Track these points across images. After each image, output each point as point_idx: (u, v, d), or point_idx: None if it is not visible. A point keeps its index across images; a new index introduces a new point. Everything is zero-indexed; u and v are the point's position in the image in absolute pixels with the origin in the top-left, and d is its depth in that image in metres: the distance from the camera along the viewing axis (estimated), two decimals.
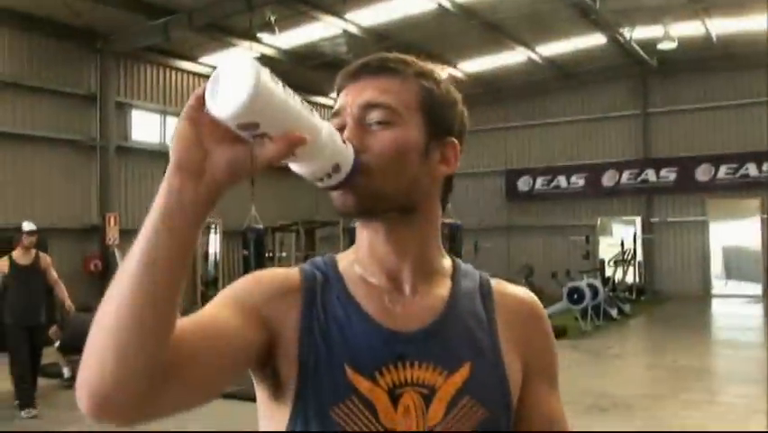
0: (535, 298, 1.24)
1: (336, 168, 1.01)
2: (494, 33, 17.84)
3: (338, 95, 1.15)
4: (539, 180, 23.43)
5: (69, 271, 13.42)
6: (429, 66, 1.17)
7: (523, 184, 23.76)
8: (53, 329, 9.28)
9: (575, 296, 14.23)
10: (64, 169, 15.83)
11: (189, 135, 0.88)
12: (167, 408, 0.93)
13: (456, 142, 1.18)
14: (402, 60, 1.15)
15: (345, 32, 16.62)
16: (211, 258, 18.62)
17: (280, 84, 0.89)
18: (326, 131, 0.97)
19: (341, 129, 1.08)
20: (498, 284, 1.22)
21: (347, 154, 1.02)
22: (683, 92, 21.45)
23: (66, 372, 9.28)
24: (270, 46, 17.27)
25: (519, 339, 1.16)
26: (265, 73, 0.85)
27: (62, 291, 8.36)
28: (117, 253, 15.00)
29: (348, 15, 15.90)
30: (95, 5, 14.04)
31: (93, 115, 16.48)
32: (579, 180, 22.88)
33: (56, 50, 15.64)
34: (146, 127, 17.88)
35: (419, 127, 1.11)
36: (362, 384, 1.03)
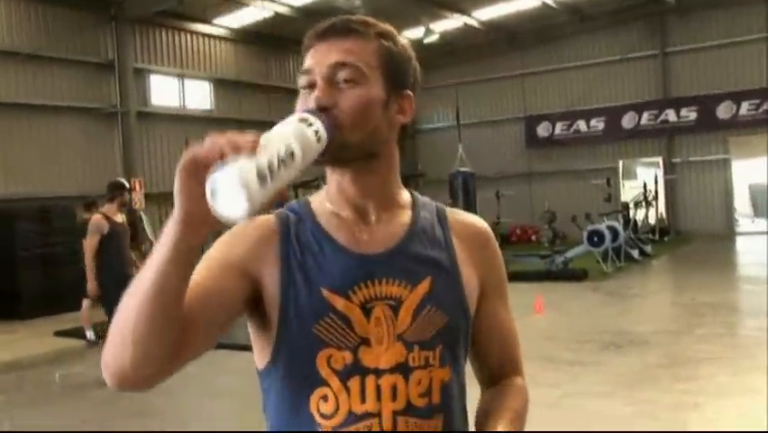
0: (485, 223, 1.43)
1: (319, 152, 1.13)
2: None
3: (306, 53, 1.27)
4: (558, 126, 23.34)
5: None
6: (388, 26, 1.31)
7: (542, 130, 23.69)
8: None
9: (595, 238, 14.33)
10: (87, 137, 16.14)
11: (194, 191, 0.97)
12: (176, 369, 1.12)
13: (411, 94, 1.33)
14: (364, 22, 1.27)
15: None
16: None
17: (267, 174, 0.96)
18: (299, 153, 1.04)
19: (311, 86, 1.23)
20: (451, 212, 1.40)
21: (318, 147, 1.12)
22: (702, 29, 21.14)
23: (90, 334, 9.62)
24: (283, 4, 17.29)
25: (474, 258, 1.35)
26: (253, 187, 0.94)
27: None
28: (144, 218, 15.32)
29: None
30: None
31: (112, 83, 16.73)
32: (598, 124, 22.77)
33: (71, 20, 15.83)
34: (165, 91, 18.10)
35: (380, 83, 1.25)
36: (338, 302, 1.21)
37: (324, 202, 1.33)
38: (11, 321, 12.61)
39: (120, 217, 7.79)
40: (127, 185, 7.93)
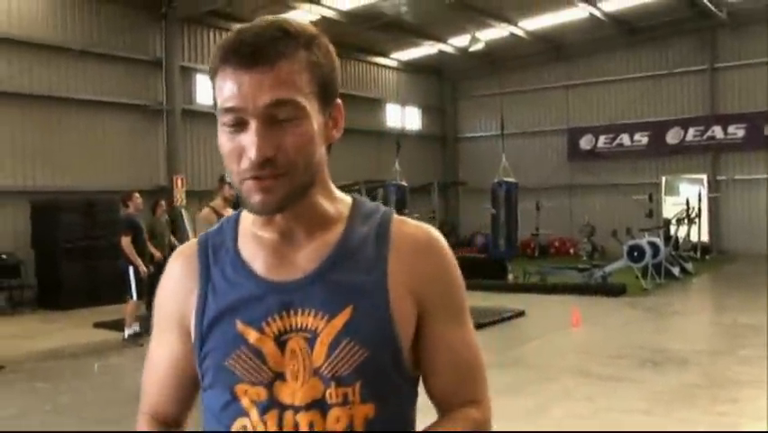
0: (434, 233, 1.24)
1: None
2: None
3: (222, 79, 1.12)
4: (601, 139, 23.12)
5: None
6: (308, 28, 1.15)
7: (585, 143, 23.48)
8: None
9: (635, 254, 14.15)
10: (133, 133, 16.39)
11: None
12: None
13: (340, 102, 1.19)
14: (287, 34, 1.10)
15: None
16: None
17: None
18: None
19: (238, 125, 1.09)
20: (399, 223, 1.22)
21: None
22: (754, 45, 20.73)
23: (128, 332, 9.58)
24: (330, 8, 17.40)
25: (413, 276, 1.18)
26: None
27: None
28: (184, 214, 15.50)
29: None
30: None
31: (159, 80, 16.96)
32: (642, 138, 22.50)
33: (122, 18, 16.10)
34: (210, 90, 18.28)
35: (316, 108, 1.12)
36: (251, 335, 1.13)
37: (253, 220, 1.22)
38: (52, 311, 12.87)
39: (228, 212, 7.44)
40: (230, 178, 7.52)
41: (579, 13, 19.49)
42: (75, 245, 13.66)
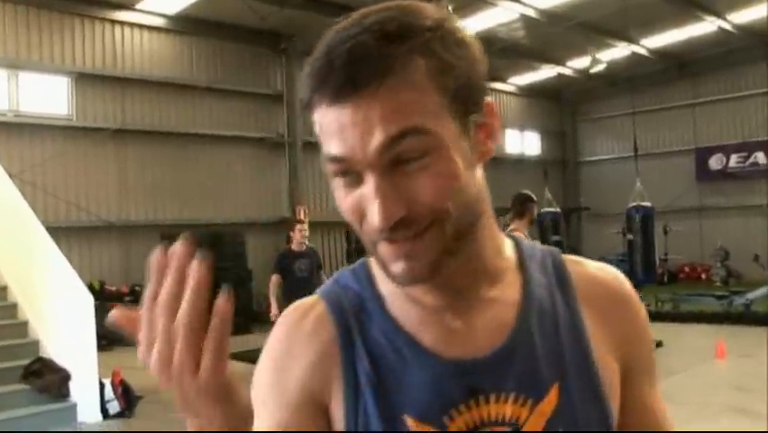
0: (623, 277, 0.98)
1: None
2: (680, 4, 16.86)
3: (312, 108, 0.81)
4: (733, 158, 21.95)
5: (265, 261, 14.21)
6: (417, 12, 0.79)
7: (715, 162, 22.36)
8: None
9: None
10: (256, 165, 16.77)
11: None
12: None
13: (490, 100, 0.86)
14: (391, 37, 0.76)
15: (522, 15, 16.36)
16: None
17: None
18: None
19: (351, 177, 0.81)
20: (574, 265, 0.96)
21: None
22: None
23: None
24: None
25: (611, 333, 0.92)
26: None
27: None
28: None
29: None
30: (278, 9, 14.71)
31: (280, 114, 17.33)
32: None
33: (244, 54, 16.57)
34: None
35: (455, 127, 0.79)
36: None
37: None
38: None
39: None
40: (535, 197, 6.34)
41: (706, 27, 18.62)
42: None
